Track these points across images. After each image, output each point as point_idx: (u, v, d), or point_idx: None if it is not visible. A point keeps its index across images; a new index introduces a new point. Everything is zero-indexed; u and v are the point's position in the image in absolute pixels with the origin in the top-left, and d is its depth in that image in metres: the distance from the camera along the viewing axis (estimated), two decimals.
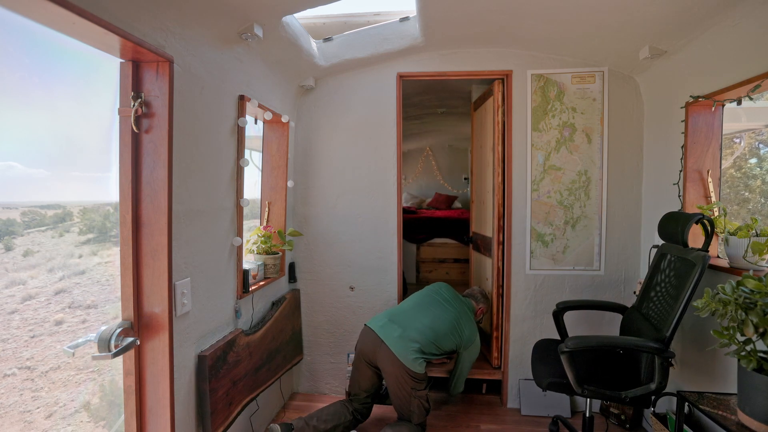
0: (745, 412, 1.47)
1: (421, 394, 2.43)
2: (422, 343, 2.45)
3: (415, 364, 2.37)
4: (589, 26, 2.36)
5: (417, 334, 2.48)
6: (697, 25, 2.08)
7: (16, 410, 1.44)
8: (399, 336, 2.46)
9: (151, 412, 1.66)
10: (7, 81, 1.37)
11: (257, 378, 2.33)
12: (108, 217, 1.86)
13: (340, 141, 3.10)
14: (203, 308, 1.93)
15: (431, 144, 8.30)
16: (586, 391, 1.95)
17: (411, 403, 2.42)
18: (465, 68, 2.94)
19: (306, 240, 3.14)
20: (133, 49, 1.45)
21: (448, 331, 2.57)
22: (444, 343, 2.53)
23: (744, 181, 4.23)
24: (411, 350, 2.40)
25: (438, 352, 2.53)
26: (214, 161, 2.00)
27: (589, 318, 2.91)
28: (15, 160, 1.43)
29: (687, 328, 2.30)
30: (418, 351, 2.41)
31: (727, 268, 1.99)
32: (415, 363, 2.37)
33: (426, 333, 2.50)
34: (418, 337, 2.46)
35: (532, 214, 2.92)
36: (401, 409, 2.46)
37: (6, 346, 1.47)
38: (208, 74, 1.90)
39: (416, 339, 2.45)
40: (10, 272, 1.54)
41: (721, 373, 2.03)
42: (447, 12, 2.35)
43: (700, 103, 2.25)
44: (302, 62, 2.68)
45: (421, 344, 2.44)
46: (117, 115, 1.57)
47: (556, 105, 2.86)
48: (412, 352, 2.39)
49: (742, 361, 1.47)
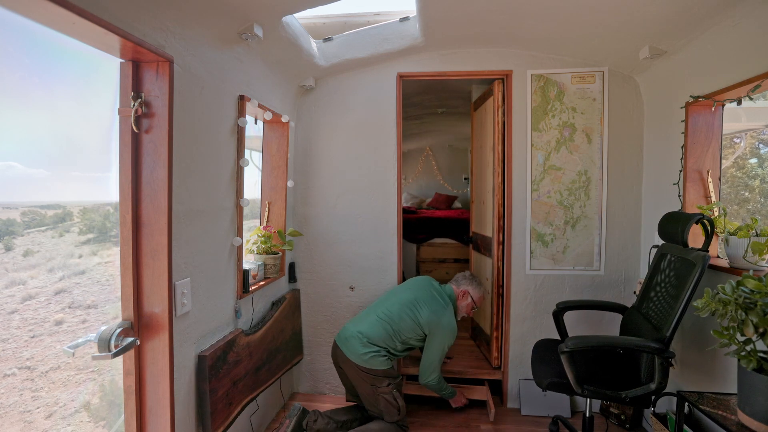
0: (745, 412, 1.47)
1: (384, 391, 2.36)
2: (374, 337, 2.39)
3: (367, 359, 2.32)
4: (589, 26, 2.36)
5: (368, 327, 2.43)
6: (697, 25, 2.08)
7: (16, 410, 1.44)
8: (348, 335, 2.44)
9: (151, 412, 1.66)
10: (7, 81, 1.37)
11: (257, 378, 2.33)
12: (108, 217, 1.86)
13: (340, 141, 3.10)
14: (203, 308, 1.93)
15: (431, 144, 8.30)
16: (586, 391, 1.95)
17: (378, 402, 2.39)
18: (465, 68, 2.94)
19: (306, 240, 3.14)
20: (133, 49, 1.44)
21: (400, 312, 2.46)
22: (402, 329, 2.43)
23: (744, 181, 4.23)
24: (360, 345, 2.37)
25: (401, 343, 2.45)
26: (214, 161, 2.00)
27: (589, 318, 2.91)
28: (15, 160, 1.43)
29: (687, 328, 2.30)
30: (368, 344, 2.36)
31: (727, 268, 1.99)
32: (365, 358, 2.32)
33: (378, 325, 2.43)
34: (369, 330, 2.42)
35: (532, 214, 2.92)
36: (371, 408, 2.44)
37: (6, 346, 1.47)
38: (208, 74, 1.90)
39: (367, 333, 2.41)
40: (10, 272, 1.54)
41: (721, 373, 2.03)
42: (447, 12, 2.35)
43: (700, 103, 2.25)
44: (302, 62, 2.68)
45: (371, 338, 2.39)
46: (117, 115, 1.57)
47: (556, 105, 2.86)
48: (361, 347, 2.36)
49: (742, 361, 1.47)
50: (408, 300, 2.51)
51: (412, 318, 2.45)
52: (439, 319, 2.45)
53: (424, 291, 2.58)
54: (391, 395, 2.36)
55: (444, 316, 2.47)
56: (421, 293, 2.56)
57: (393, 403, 2.35)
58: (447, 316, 2.48)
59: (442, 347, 2.47)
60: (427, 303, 2.49)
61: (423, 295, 2.55)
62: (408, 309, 2.47)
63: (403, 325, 2.44)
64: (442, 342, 2.47)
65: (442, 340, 2.46)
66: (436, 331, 2.45)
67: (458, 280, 2.74)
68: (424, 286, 2.63)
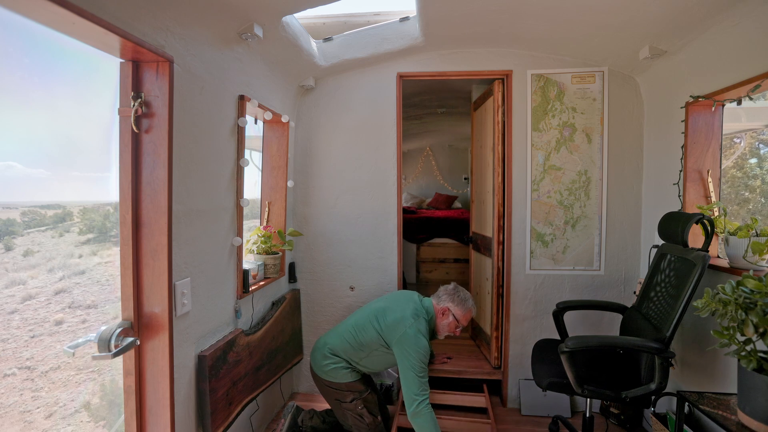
0: (745, 412, 1.47)
1: (348, 407, 2.21)
2: (337, 348, 2.26)
3: (327, 371, 2.20)
4: (590, 26, 2.36)
5: (335, 338, 2.30)
6: (697, 25, 2.08)
7: (16, 410, 1.44)
8: (317, 346, 2.34)
9: (151, 412, 1.66)
10: (7, 81, 1.37)
11: (257, 378, 2.33)
12: (108, 217, 1.86)
13: (340, 141, 3.10)
14: (203, 308, 1.93)
15: (431, 144, 8.30)
16: (586, 391, 1.95)
17: (346, 417, 2.27)
18: (465, 68, 2.94)
19: (306, 240, 3.14)
20: (133, 49, 1.44)
21: (365, 323, 2.25)
22: (366, 340, 2.21)
23: (744, 181, 4.22)
24: (321, 356, 2.25)
25: (367, 356, 2.26)
26: (214, 161, 2.00)
27: (589, 318, 2.91)
28: (15, 159, 1.43)
29: (687, 328, 2.30)
30: (330, 356, 2.23)
31: (727, 268, 1.99)
32: (325, 369, 2.21)
33: (345, 335, 2.26)
34: (335, 341, 2.28)
35: (532, 214, 2.92)
36: (343, 424, 2.34)
37: (6, 346, 1.47)
38: (208, 74, 1.90)
39: (332, 344, 2.28)
40: (10, 272, 1.54)
41: (721, 373, 2.03)
42: (447, 12, 2.35)
43: (700, 103, 2.25)
44: (302, 62, 2.68)
45: (335, 348, 2.25)
46: (117, 115, 1.57)
47: (556, 105, 2.86)
48: (322, 358, 2.24)
49: (742, 361, 1.47)
50: (378, 308, 2.29)
51: (376, 328, 2.22)
52: (403, 330, 2.12)
53: (399, 302, 2.31)
54: (356, 411, 2.20)
55: (410, 326, 2.13)
56: (395, 303, 2.30)
57: (359, 419, 2.21)
58: (414, 327, 2.13)
59: (412, 365, 2.04)
60: (394, 311, 2.22)
61: (395, 305, 2.29)
62: (374, 318, 2.24)
63: (367, 336, 2.21)
64: (408, 357, 2.06)
65: (407, 354, 2.07)
66: (398, 343, 2.10)
67: (439, 295, 2.36)
68: (402, 298, 2.36)
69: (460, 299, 2.32)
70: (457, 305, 2.30)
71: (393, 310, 2.23)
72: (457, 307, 2.30)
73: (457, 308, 2.30)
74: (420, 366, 2.05)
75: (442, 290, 2.37)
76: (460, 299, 2.32)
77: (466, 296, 2.34)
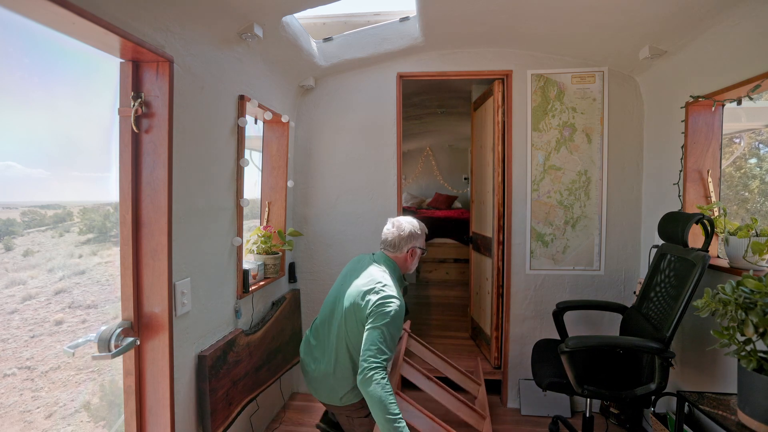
0: (745, 412, 1.47)
1: (362, 422, 1.93)
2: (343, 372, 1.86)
3: (343, 399, 1.85)
4: (590, 26, 2.36)
5: (330, 363, 1.87)
6: (697, 25, 2.08)
7: (16, 410, 1.44)
8: (322, 377, 1.89)
9: (151, 412, 1.66)
10: (7, 81, 1.37)
11: (257, 378, 2.33)
12: (108, 217, 1.86)
13: (340, 141, 3.10)
14: (203, 308, 1.93)
15: (431, 144, 8.31)
16: (586, 391, 1.95)
17: (353, 428, 1.97)
18: (465, 68, 2.94)
19: (306, 240, 3.14)
20: (133, 49, 1.44)
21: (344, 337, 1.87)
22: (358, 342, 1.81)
23: (743, 181, 4.23)
24: (329, 389, 1.88)
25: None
26: (214, 161, 1.99)
27: (589, 318, 2.91)
28: (14, 159, 1.44)
29: (687, 329, 2.30)
30: (342, 384, 1.85)
31: (727, 268, 1.99)
32: (343, 400, 1.85)
33: (341, 356, 1.87)
34: (335, 367, 1.86)
35: (532, 214, 2.92)
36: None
37: (6, 345, 1.48)
38: (208, 74, 1.90)
39: (339, 371, 1.86)
40: (10, 272, 1.54)
41: (721, 373, 2.03)
42: (447, 12, 2.35)
43: (700, 103, 2.25)
44: (302, 62, 2.68)
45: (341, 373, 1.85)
46: (117, 115, 1.57)
47: (556, 105, 2.86)
48: (340, 390, 1.86)
49: (742, 361, 1.47)
50: (347, 311, 1.87)
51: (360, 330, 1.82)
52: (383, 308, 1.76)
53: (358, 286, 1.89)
54: (369, 425, 1.91)
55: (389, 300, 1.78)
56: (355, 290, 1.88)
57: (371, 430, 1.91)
58: (395, 302, 1.78)
59: (381, 332, 1.71)
60: (365, 298, 1.81)
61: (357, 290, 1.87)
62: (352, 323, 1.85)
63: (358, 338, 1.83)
64: (379, 327, 1.72)
65: (380, 324, 1.72)
66: (374, 315, 1.75)
67: (395, 244, 2.00)
68: (359, 281, 1.92)
69: (418, 232, 2.05)
70: (418, 239, 2.05)
71: (361, 298, 1.82)
72: (420, 239, 2.07)
73: (419, 240, 2.06)
74: (390, 334, 1.72)
75: (393, 234, 2.01)
76: (418, 232, 2.05)
77: (415, 223, 2.07)
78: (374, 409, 1.60)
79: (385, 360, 1.67)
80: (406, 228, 2.02)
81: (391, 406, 1.58)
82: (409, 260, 2.05)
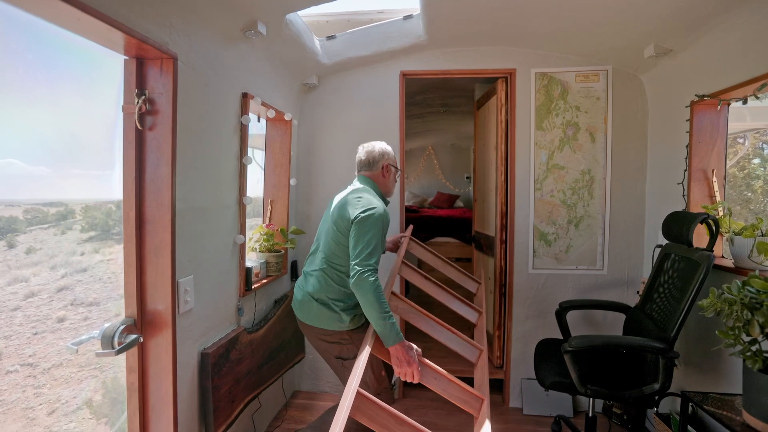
0: (750, 413, 1.47)
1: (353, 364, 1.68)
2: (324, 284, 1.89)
3: (324, 320, 1.85)
4: (594, 24, 2.35)
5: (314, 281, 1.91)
6: (702, 24, 2.07)
7: (19, 407, 1.44)
8: (301, 296, 1.94)
9: (154, 409, 1.66)
10: (10, 77, 1.37)
11: (260, 376, 2.33)
12: (110, 215, 1.85)
13: (342, 139, 3.09)
14: (206, 306, 1.93)
15: (433, 143, 8.30)
16: (588, 391, 1.95)
17: (345, 377, 1.84)
18: (468, 66, 2.93)
19: (308, 238, 3.13)
20: (137, 45, 1.44)
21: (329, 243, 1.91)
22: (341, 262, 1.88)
23: (747, 181, 4.21)
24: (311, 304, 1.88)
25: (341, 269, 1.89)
26: (217, 159, 1.99)
27: (592, 318, 2.90)
28: (17, 157, 1.43)
29: (691, 329, 2.29)
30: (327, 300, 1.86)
31: (732, 268, 1.98)
32: (320, 318, 1.86)
33: (324, 260, 1.90)
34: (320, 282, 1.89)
35: (535, 213, 2.91)
36: (344, 383, 1.85)
37: (9, 342, 1.47)
38: (211, 71, 1.90)
39: (314, 285, 1.89)
40: (13, 269, 1.53)
41: (725, 374, 2.02)
42: (450, 10, 2.34)
43: (705, 102, 2.24)
44: (305, 60, 2.68)
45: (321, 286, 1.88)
46: (120, 112, 1.56)
47: (559, 104, 2.85)
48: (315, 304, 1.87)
49: (747, 361, 1.46)
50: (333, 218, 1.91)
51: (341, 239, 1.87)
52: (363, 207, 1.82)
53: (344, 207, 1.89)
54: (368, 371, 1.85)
55: (370, 202, 1.85)
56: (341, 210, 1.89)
57: (365, 384, 1.83)
58: (377, 208, 1.84)
59: (368, 240, 1.76)
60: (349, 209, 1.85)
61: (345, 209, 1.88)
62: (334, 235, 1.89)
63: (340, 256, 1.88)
64: (366, 233, 1.77)
65: (366, 230, 1.78)
66: (359, 222, 1.79)
67: (368, 162, 2.06)
68: (342, 202, 1.92)
69: (388, 149, 2.10)
70: (389, 155, 2.09)
71: (343, 214, 1.85)
72: (391, 156, 2.10)
73: (391, 157, 2.09)
74: (376, 240, 1.79)
75: (368, 157, 2.06)
76: (388, 149, 2.10)
77: (383, 144, 2.11)
78: (367, 308, 1.69)
79: (374, 263, 1.75)
80: (376, 147, 2.08)
81: (383, 305, 1.68)
82: (385, 176, 2.08)
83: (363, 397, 1.33)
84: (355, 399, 1.31)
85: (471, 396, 1.67)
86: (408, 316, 2.01)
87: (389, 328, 1.66)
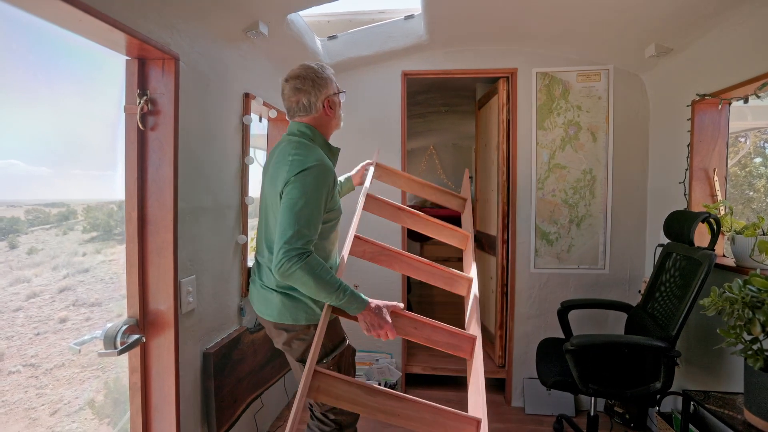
0: (751, 412, 1.47)
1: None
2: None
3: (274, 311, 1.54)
4: (595, 24, 2.35)
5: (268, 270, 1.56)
6: (704, 23, 2.07)
7: (21, 407, 1.44)
8: (257, 288, 1.62)
9: (157, 409, 1.66)
10: (12, 78, 1.37)
11: (261, 376, 2.33)
12: (112, 216, 1.85)
13: (344, 139, 3.09)
14: (208, 306, 1.93)
15: (435, 142, 8.29)
16: (590, 390, 1.95)
17: None
18: (470, 66, 2.93)
19: None
20: (139, 46, 1.44)
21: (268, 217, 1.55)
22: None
23: (748, 180, 4.21)
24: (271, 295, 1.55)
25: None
26: (219, 159, 1.99)
27: (594, 317, 2.90)
28: (18, 157, 1.43)
29: (692, 328, 2.29)
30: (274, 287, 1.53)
31: (734, 267, 1.99)
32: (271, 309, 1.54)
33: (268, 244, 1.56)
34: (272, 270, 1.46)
35: (537, 213, 2.91)
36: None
37: (11, 343, 1.47)
38: (213, 72, 1.90)
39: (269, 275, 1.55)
40: (15, 270, 1.53)
41: (727, 373, 2.03)
42: (452, 9, 2.34)
43: (706, 101, 2.24)
44: (307, 60, 2.67)
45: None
46: (122, 113, 1.56)
47: (561, 103, 2.85)
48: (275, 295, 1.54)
49: (748, 360, 1.47)
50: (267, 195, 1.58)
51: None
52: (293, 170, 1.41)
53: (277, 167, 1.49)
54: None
55: (304, 161, 1.43)
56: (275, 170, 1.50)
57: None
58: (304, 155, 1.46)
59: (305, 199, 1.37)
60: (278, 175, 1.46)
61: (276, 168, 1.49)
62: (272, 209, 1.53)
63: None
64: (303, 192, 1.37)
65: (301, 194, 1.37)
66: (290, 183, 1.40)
67: (303, 105, 1.59)
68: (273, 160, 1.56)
69: (322, 74, 1.59)
70: (327, 83, 1.60)
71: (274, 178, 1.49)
72: (330, 83, 1.62)
73: (330, 85, 1.62)
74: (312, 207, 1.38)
75: (300, 98, 1.59)
76: (322, 74, 1.59)
77: (312, 66, 1.62)
78: (312, 293, 1.36)
79: (305, 243, 1.33)
80: (306, 77, 1.57)
81: (329, 281, 1.34)
82: (329, 114, 1.62)
83: (322, 375, 1.15)
84: (313, 378, 1.14)
85: (461, 338, 1.44)
86: (379, 259, 1.76)
87: (348, 299, 1.37)
